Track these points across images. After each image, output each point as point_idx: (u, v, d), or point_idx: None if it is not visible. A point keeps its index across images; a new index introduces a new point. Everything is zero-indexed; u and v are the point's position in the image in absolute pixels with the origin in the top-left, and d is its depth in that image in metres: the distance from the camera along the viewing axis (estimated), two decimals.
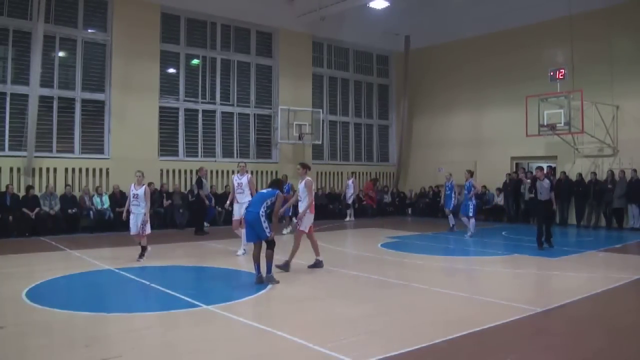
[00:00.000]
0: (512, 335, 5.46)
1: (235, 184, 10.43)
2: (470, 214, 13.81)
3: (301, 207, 8.98)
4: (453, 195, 15.21)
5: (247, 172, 10.51)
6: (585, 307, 6.64)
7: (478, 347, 5.07)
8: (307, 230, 8.92)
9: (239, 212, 10.07)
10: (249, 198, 9.49)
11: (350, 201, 19.12)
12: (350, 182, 19.04)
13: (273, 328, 5.52)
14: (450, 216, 15.35)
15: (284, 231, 14.12)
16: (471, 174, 14.22)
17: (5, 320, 5.72)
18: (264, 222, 7.69)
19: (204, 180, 14.52)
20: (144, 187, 9.82)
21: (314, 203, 9.04)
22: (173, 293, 7.14)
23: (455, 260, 10.29)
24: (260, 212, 7.68)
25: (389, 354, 4.68)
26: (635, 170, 15.26)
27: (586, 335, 5.54)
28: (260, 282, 7.68)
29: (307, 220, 8.91)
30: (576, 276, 8.71)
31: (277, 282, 7.68)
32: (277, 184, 8.34)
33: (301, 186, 9.07)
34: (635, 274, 8.43)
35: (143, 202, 9.73)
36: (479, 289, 7.53)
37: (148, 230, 9.78)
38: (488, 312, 6.27)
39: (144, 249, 9.84)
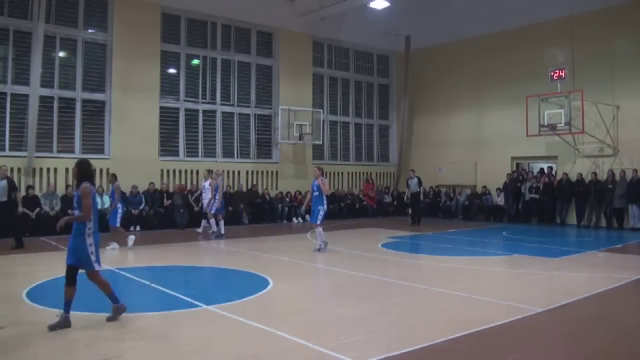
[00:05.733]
0: (513, 335, 5.45)
1: None
2: (318, 222, 10.87)
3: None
4: (216, 196, 13.29)
5: None
6: (586, 307, 6.63)
7: (478, 347, 5.06)
8: None
9: None
10: None
11: (210, 209, 13.58)
12: (206, 183, 13.93)
13: (273, 328, 5.52)
14: (212, 221, 13.59)
15: (109, 246, 11.17)
16: (321, 171, 11.47)
17: (6, 320, 5.71)
18: (90, 245, 5.63)
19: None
20: None
21: None
22: (173, 293, 7.15)
23: (455, 260, 10.29)
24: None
25: (389, 354, 4.68)
26: (635, 170, 15.24)
27: (587, 335, 5.53)
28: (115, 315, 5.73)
29: None
30: (577, 276, 8.71)
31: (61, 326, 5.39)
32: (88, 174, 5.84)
33: None
34: (635, 274, 8.43)
35: None
36: (479, 289, 7.53)
37: None
38: (488, 312, 6.26)
39: None
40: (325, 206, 11.20)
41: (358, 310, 6.36)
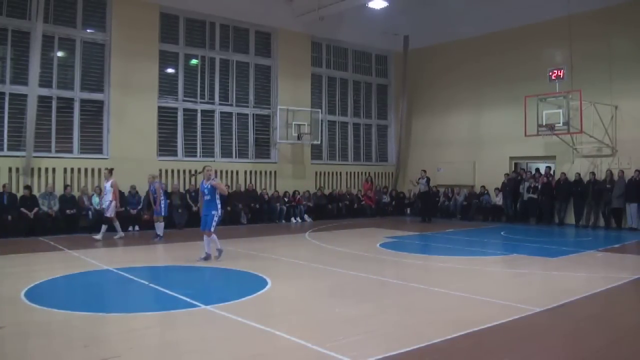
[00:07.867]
0: (511, 335, 5.46)
1: None
2: (212, 229, 9.67)
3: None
4: (156, 197, 12.83)
5: None
6: (584, 307, 6.64)
7: (477, 347, 5.07)
8: None
9: None
10: None
11: (109, 213, 12.72)
12: (107, 184, 12.88)
13: (272, 328, 5.52)
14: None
15: None
16: (213, 171, 10.10)
17: (5, 320, 5.71)
18: None
19: None
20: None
21: None
22: (172, 293, 7.14)
23: (454, 260, 10.30)
24: None
25: (388, 354, 4.68)
26: (638, 171, 15.21)
27: (585, 335, 5.54)
28: None
29: None
30: (575, 276, 8.72)
31: None
32: None
33: None
34: (634, 274, 8.45)
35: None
36: (478, 289, 7.53)
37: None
38: (487, 312, 6.27)
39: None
40: (220, 211, 9.83)
41: (357, 310, 6.36)
